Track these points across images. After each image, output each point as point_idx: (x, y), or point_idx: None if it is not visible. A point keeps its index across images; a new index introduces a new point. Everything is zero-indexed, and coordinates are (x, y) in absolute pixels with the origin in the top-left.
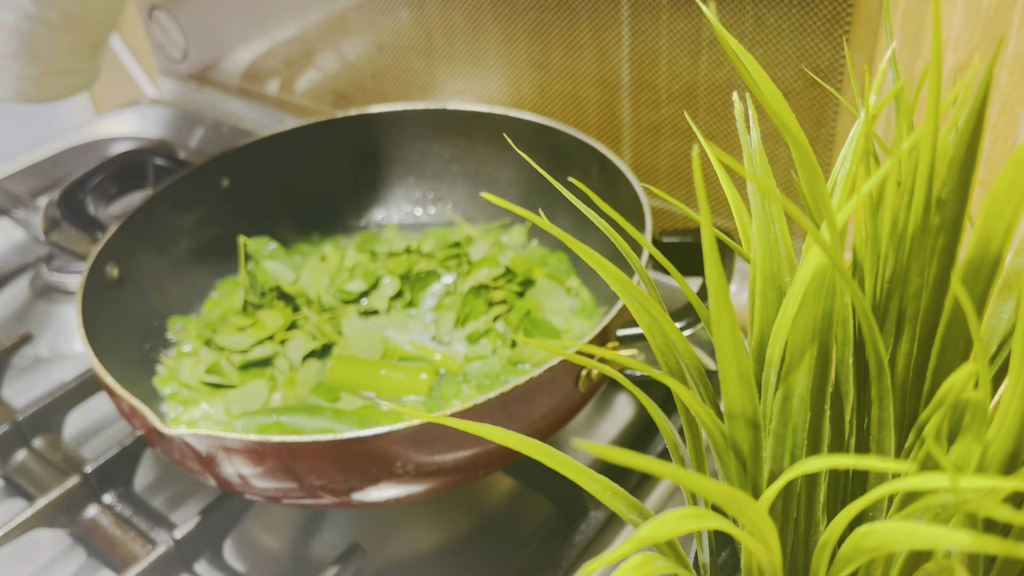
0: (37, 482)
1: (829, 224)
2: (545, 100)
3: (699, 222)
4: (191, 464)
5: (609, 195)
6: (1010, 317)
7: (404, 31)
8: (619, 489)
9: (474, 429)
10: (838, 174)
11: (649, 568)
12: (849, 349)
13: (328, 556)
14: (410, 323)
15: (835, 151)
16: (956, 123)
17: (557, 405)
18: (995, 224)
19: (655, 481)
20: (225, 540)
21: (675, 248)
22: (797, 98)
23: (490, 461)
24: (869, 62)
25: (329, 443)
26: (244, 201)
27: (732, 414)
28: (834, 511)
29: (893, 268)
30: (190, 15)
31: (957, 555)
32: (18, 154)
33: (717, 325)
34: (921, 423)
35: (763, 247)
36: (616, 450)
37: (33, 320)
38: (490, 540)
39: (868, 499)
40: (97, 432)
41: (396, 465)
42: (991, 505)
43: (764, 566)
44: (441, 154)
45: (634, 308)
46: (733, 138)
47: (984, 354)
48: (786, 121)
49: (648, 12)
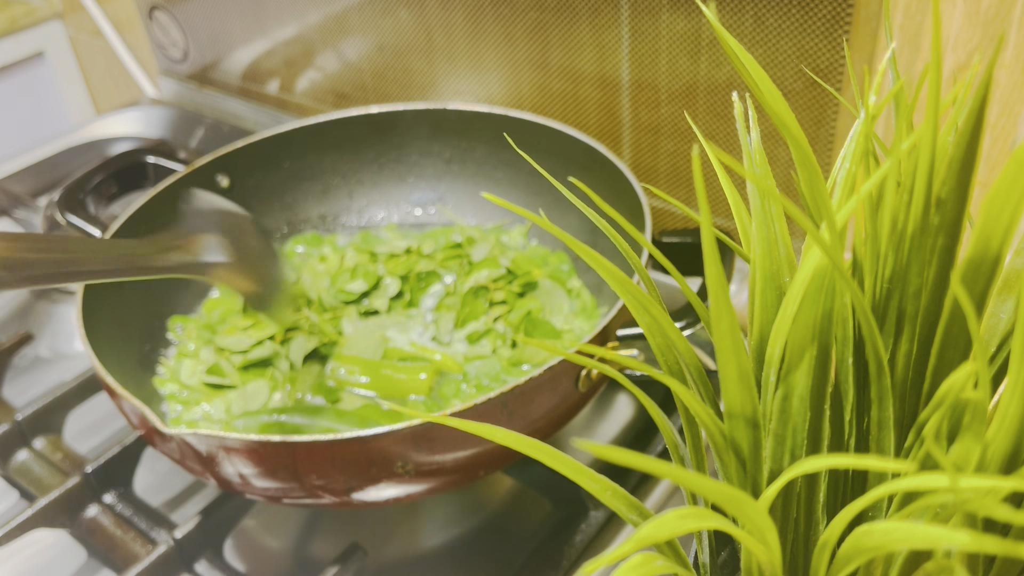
0: (37, 482)
1: (829, 224)
2: (545, 100)
3: (699, 222)
4: (191, 464)
5: (609, 195)
6: (1009, 317)
7: (404, 31)
8: (619, 489)
9: (474, 429)
10: (838, 174)
11: (649, 568)
12: (849, 349)
13: (328, 556)
14: (410, 323)
15: (835, 151)
16: (956, 123)
17: (557, 405)
18: (995, 224)
19: (655, 481)
20: (225, 540)
21: (675, 248)
22: (797, 98)
23: (490, 461)
24: (869, 62)
25: (329, 443)
26: (244, 200)
27: (732, 414)
28: (834, 511)
29: (893, 268)
30: (190, 15)
31: (957, 555)
32: (18, 154)
33: (717, 325)
34: (921, 423)
35: (763, 247)
36: (616, 450)
37: (33, 320)
38: (490, 540)
39: (868, 499)
40: (97, 432)
41: (396, 465)
42: (990, 505)
43: (764, 566)
44: (441, 154)
45: (634, 308)
46: (733, 138)
47: (983, 354)
48: (786, 121)
49: (648, 12)
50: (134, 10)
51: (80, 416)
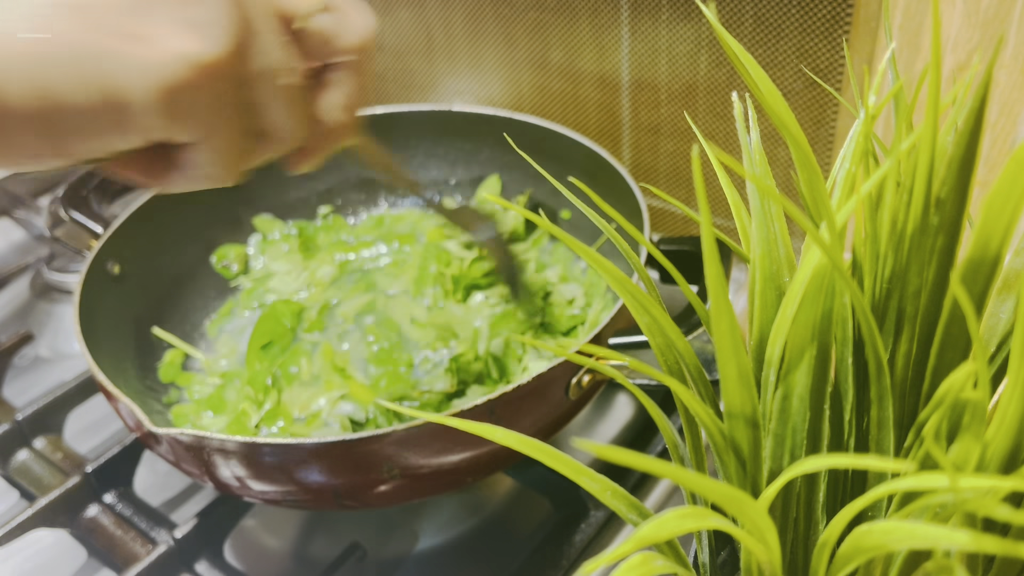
0: (38, 482)
1: (828, 224)
2: (545, 100)
3: (699, 222)
4: (187, 466)
5: (608, 198)
6: (1009, 317)
7: (404, 31)
8: (619, 489)
9: (475, 429)
10: (837, 174)
11: (649, 568)
12: (848, 349)
13: (328, 556)
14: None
15: (835, 151)
16: (955, 123)
17: (546, 413)
18: (994, 224)
19: (655, 481)
20: (225, 540)
21: (672, 256)
22: (797, 98)
23: (477, 468)
24: (869, 62)
25: (315, 446)
26: (245, 199)
27: (732, 414)
28: (833, 511)
29: (892, 268)
30: None
31: (956, 554)
32: None
33: (717, 325)
34: (920, 423)
35: (763, 247)
36: (616, 450)
37: (34, 320)
38: (490, 540)
39: (867, 499)
40: (97, 432)
41: (383, 469)
42: (990, 504)
43: (763, 565)
44: (445, 156)
45: (634, 308)
46: (733, 138)
47: (983, 354)
48: (786, 121)
49: (648, 12)
50: None
51: (80, 416)
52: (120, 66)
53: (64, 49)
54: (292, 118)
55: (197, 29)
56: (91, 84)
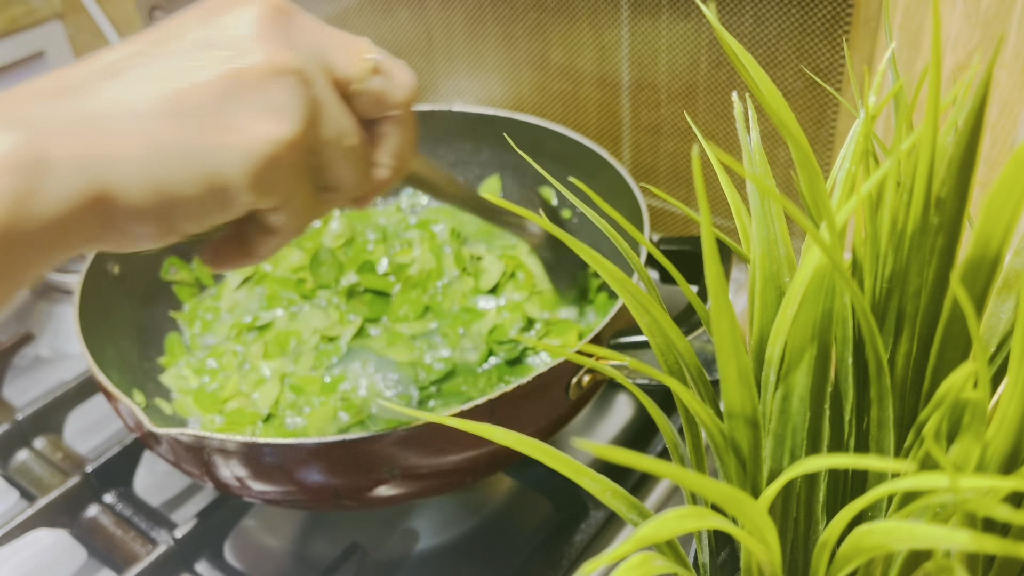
0: (38, 482)
1: (828, 224)
2: (545, 100)
3: (699, 222)
4: (187, 467)
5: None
6: (1009, 317)
7: (404, 31)
8: (619, 489)
9: (475, 429)
10: (837, 174)
11: (649, 568)
12: (848, 349)
13: (328, 556)
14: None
15: (835, 151)
16: (955, 123)
17: (546, 413)
18: (994, 224)
19: (655, 481)
20: (225, 540)
21: (672, 256)
22: (797, 98)
23: (477, 468)
24: (869, 62)
25: (315, 446)
26: None
27: (732, 413)
28: (833, 511)
29: (892, 268)
30: None
31: (956, 554)
32: None
33: (717, 325)
34: (920, 423)
35: (763, 247)
36: (616, 450)
37: (34, 320)
38: (490, 540)
39: (867, 499)
40: (97, 432)
41: (383, 469)
42: (990, 504)
43: (764, 565)
44: (445, 156)
45: (634, 307)
46: (733, 138)
47: (983, 354)
48: (786, 121)
49: (648, 12)
50: (134, 10)
51: (80, 416)
52: (220, 156)
53: (176, 153)
54: (355, 172)
55: (275, 113)
56: (198, 176)
